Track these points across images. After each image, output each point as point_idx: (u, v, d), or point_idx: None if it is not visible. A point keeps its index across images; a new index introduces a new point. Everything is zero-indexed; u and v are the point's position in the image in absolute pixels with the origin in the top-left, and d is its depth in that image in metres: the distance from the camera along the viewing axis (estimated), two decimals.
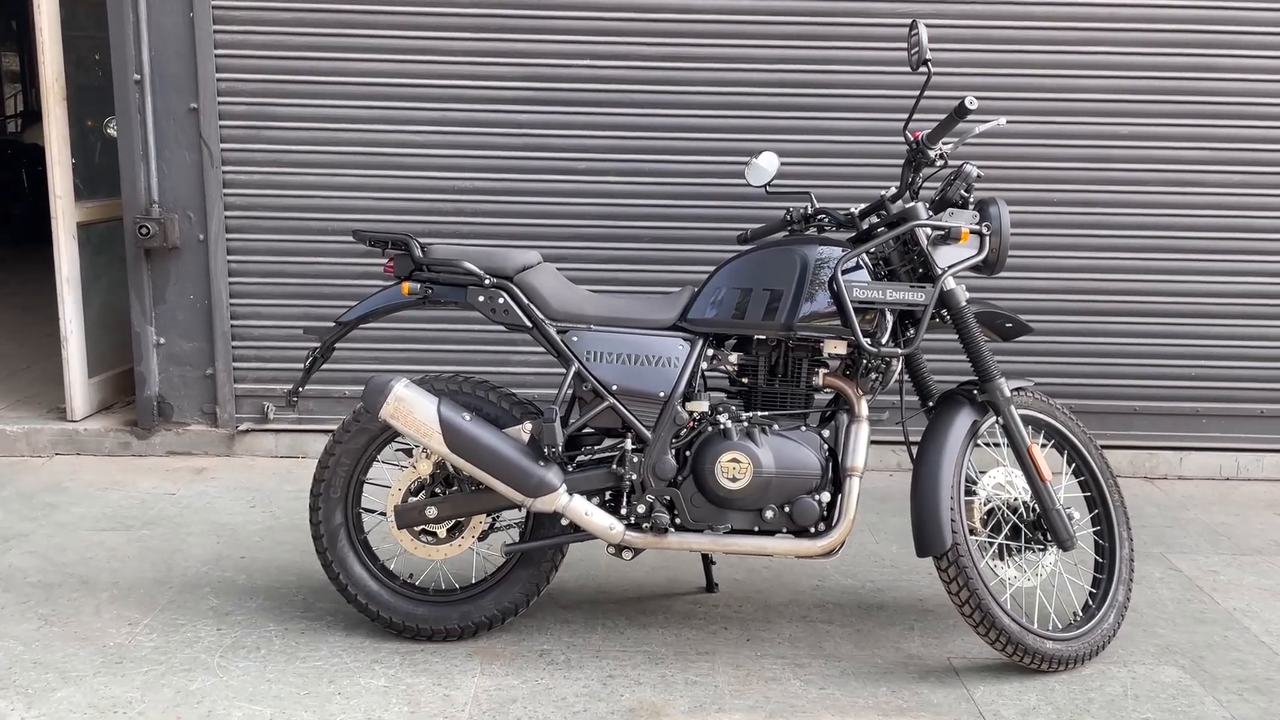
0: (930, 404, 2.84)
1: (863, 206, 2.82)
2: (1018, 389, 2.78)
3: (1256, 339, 4.26)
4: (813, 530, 2.68)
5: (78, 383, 4.33)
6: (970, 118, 2.56)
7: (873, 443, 4.20)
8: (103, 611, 2.94)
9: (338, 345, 2.84)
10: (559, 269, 2.81)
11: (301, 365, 2.86)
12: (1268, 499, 4.07)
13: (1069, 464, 2.91)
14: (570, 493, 2.65)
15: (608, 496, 2.74)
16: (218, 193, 4.11)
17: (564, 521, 2.69)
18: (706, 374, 2.78)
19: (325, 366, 2.91)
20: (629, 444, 2.69)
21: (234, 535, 3.49)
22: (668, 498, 2.68)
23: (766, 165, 2.85)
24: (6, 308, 6.82)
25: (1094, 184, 4.17)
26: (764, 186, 2.87)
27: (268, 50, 4.05)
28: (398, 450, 2.83)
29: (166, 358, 4.25)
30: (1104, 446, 4.19)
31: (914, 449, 2.77)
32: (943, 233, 2.67)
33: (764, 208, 4.05)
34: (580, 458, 2.77)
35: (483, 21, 4.06)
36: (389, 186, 4.16)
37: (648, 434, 2.67)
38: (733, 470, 2.63)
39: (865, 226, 2.80)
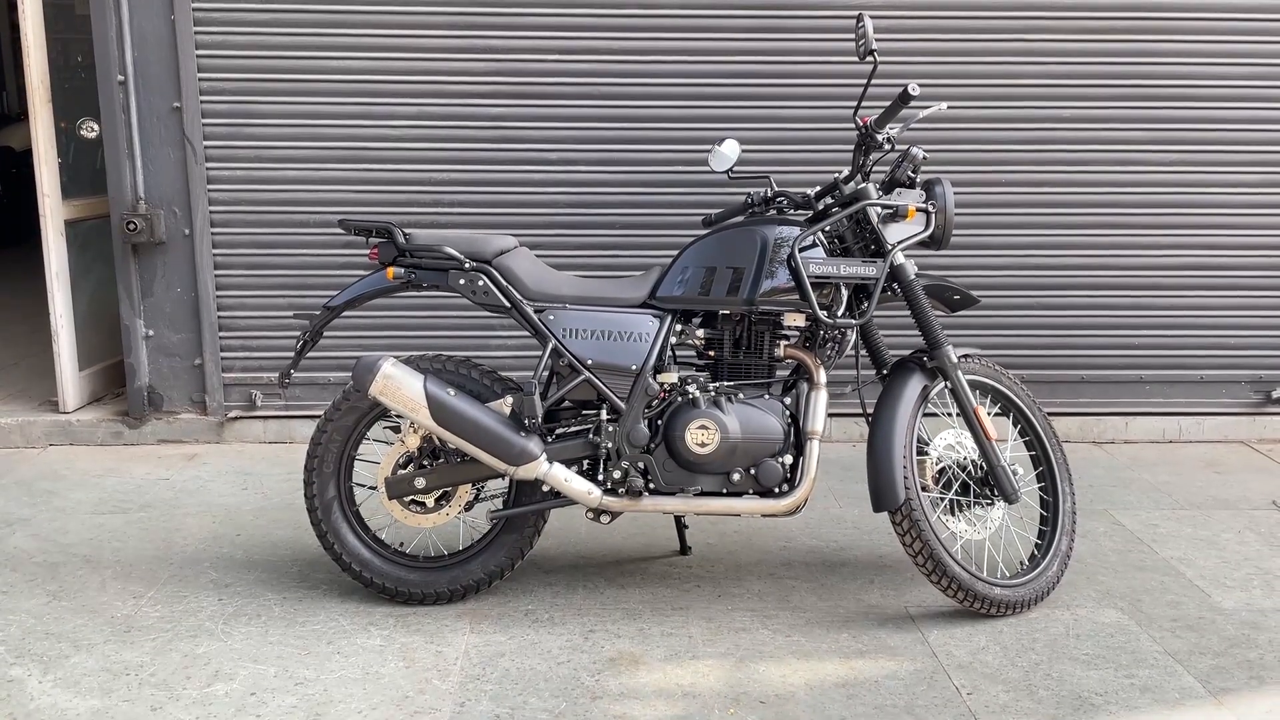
0: (884, 371, 3.05)
1: (818, 188, 3.01)
2: (964, 355, 2.99)
3: (1196, 309, 4.50)
4: (777, 490, 2.88)
5: (69, 375, 4.46)
6: (913, 103, 2.76)
7: (836, 415, 4.49)
8: (108, 587, 3.10)
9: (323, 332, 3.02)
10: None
11: (292, 350, 3.03)
12: (1207, 459, 4.32)
13: (1014, 425, 3.12)
14: (550, 461, 2.84)
15: (585, 465, 2.93)
16: (202, 188, 4.26)
17: (545, 488, 2.88)
18: (675, 348, 2.98)
19: (310, 354, 3.08)
20: (604, 414, 2.88)
21: (228, 515, 3.65)
22: (641, 464, 2.87)
23: (728, 152, 3.02)
24: None
25: (1040, 165, 4.38)
26: (726, 172, 3.05)
27: (248, 50, 4.20)
28: (385, 428, 3.01)
29: (156, 349, 4.40)
30: (1054, 414, 4.48)
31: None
32: (892, 211, 2.87)
33: (726, 193, 4.24)
34: (559, 429, 2.96)
35: (456, 19, 4.22)
36: (368, 179, 4.32)
37: (621, 404, 2.86)
38: (701, 436, 2.82)
39: (820, 207, 2.99)
